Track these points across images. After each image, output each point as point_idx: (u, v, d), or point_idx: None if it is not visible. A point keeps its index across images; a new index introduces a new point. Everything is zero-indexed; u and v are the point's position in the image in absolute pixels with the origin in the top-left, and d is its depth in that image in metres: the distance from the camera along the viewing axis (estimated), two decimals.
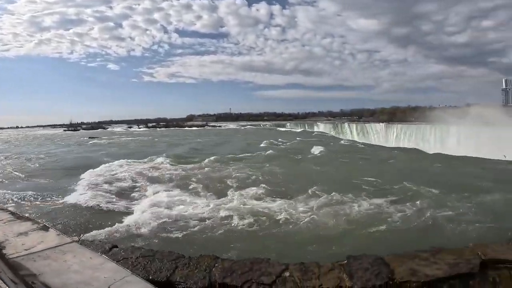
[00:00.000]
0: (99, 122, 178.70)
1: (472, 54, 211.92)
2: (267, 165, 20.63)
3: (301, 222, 10.02)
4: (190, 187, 14.94)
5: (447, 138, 59.79)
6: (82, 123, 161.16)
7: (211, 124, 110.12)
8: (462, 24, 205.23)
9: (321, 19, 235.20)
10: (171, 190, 14.13)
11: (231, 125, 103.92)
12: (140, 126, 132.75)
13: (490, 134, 54.43)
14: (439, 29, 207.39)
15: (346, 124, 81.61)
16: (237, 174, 17.44)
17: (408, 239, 8.77)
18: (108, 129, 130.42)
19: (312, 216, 10.47)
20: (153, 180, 16.28)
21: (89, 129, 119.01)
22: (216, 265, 5.14)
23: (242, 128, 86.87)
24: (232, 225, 9.90)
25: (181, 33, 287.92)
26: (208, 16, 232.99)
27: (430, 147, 49.33)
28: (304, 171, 18.34)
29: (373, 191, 13.58)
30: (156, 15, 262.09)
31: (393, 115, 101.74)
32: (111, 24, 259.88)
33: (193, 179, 16.53)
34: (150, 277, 4.25)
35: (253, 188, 14.19)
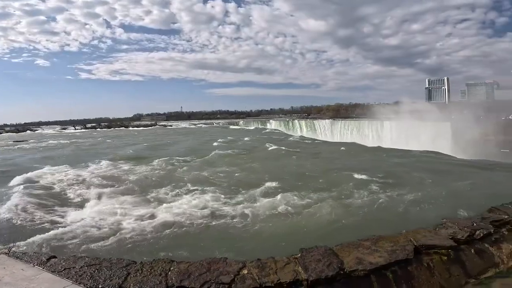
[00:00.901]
0: (26, 124, 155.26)
1: (401, 55, 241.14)
2: (219, 164, 20.43)
3: (254, 219, 10.04)
4: (134, 190, 13.97)
5: (382, 133, 67.47)
6: (5, 125, 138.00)
7: (161, 123, 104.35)
8: (396, 27, 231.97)
9: (275, 18, 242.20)
10: (112, 196, 13.01)
11: (183, 124, 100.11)
12: (76, 127, 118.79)
13: (415, 128, 62.95)
14: (377, 31, 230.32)
15: (296, 121, 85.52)
16: (187, 175, 16.91)
17: (350, 226, 9.50)
18: (38, 131, 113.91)
19: (265, 212, 10.58)
20: (89, 186, 14.76)
21: (13, 132, 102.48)
22: (172, 268, 4.99)
23: (194, 126, 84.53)
24: (183, 228, 9.56)
25: (127, 28, 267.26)
26: (159, 12, 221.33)
27: (368, 140, 55.02)
28: (256, 168, 18.62)
29: (318, 184, 14.50)
30: (98, 9, 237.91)
31: (337, 112, 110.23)
32: (42, 18, 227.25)
33: (138, 182, 15.51)
34: (100, 286, 4.03)
35: (205, 188, 13.88)
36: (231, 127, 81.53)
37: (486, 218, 8.27)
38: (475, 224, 8.00)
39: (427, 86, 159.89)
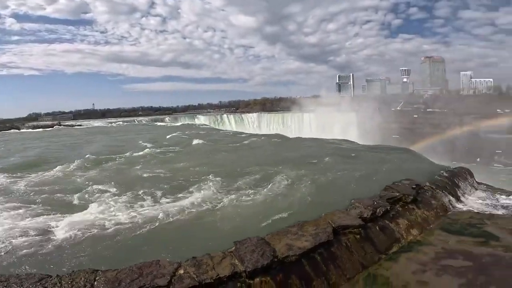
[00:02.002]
0: None
1: (318, 53, 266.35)
2: (140, 164, 18.40)
3: (184, 217, 9.64)
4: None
5: (302, 124, 74.16)
6: None
7: (66, 123, 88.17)
8: (316, 26, 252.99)
9: (206, 12, 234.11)
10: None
11: (97, 123, 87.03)
12: None
13: (329, 119, 71.11)
14: (299, 29, 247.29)
15: (225, 116, 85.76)
16: (104, 178, 14.73)
17: (278, 213, 9.70)
18: None
19: (194, 209, 10.20)
20: None
21: None
22: (98, 278, 4.63)
23: (111, 125, 74.57)
24: (105, 235, 8.53)
25: (21, 18, 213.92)
26: (68, 1, 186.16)
27: (291, 132, 59.54)
28: (181, 166, 17.49)
29: (244, 175, 14.50)
30: None
31: (264, 106, 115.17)
32: None
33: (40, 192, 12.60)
34: None
35: (127, 191, 12.43)
36: (157, 123, 75.43)
37: (383, 196, 9.59)
38: (375, 203, 9.07)
39: (337, 81, 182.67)
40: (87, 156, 20.97)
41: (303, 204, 10.66)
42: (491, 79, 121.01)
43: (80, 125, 77.23)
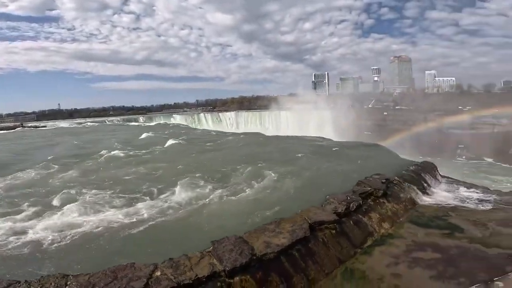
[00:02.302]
0: None
1: (294, 52, 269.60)
2: (110, 167, 17.50)
3: (156, 220, 9.32)
4: None
5: (280, 122, 75.08)
6: None
7: (30, 124, 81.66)
8: (292, 25, 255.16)
9: (182, 10, 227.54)
10: None
11: (63, 124, 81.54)
12: None
13: (306, 117, 72.52)
14: (277, 28, 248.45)
15: (202, 115, 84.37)
16: (71, 181, 13.87)
17: (256, 211, 9.67)
18: None
19: (166, 212, 9.90)
20: None
21: None
22: (69, 283, 4.51)
23: (81, 126, 70.38)
24: (73, 238, 8.24)
25: None
26: None
27: (269, 130, 60.02)
28: (153, 168, 16.86)
29: (219, 174, 14.38)
30: None
31: (241, 104, 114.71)
32: None
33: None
34: None
35: (99, 194, 11.87)
36: (130, 124, 72.35)
37: (355, 191, 9.87)
38: (349, 198, 9.30)
39: (313, 80, 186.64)
40: (51, 158, 19.63)
41: (280, 202, 10.69)
42: (453, 78, 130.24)
43: (44, 126, 71.96)
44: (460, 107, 67.66)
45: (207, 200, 11.07)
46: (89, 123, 76.12)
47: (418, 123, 66.39)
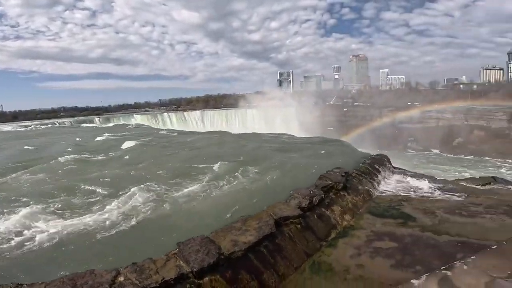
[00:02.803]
0: None
1: (260, 50, 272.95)
2: (60, 173, 15.90)
3: (116, 226, 8.78)
4: None
5: (246, 120, 75.34)
6: None
7: None
8: (259, 23, 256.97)
9: (144, 6, 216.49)
10: None
11: (6, 127, 72.48)
12: None
13: (271, 114, 73.71)
14: (244, 27, 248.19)
15: (165, 114, 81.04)
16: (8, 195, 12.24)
17: (222, 210, 9.52)
18: None
19: (125, 217, 9.36)
20: None
21: None
22: None
23: (25, 129, 63.03)
24: (26, 245, 7.70)
25: None
26: None
27: (236, 128, 59.80)
28: (109, 172, 15.70)
29: (180, 175, 13.90)
30: None
31: (207, 103, 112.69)
32: None
33: None
34: None
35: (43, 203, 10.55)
36: (84, 125, 66.69)
37: (318, 185, 10.11)
38: (311, 192, 9.51)
39: (278, 78, 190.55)
40: None
41: (246, 199, 10.63)
42: (403, 76, 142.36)
43: None
44: (410, 103, 74.13)
45: (169, 202, 10.66)
46: (37, 126, 68.55)
47: (374, 119, 71.37)
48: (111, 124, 64.21)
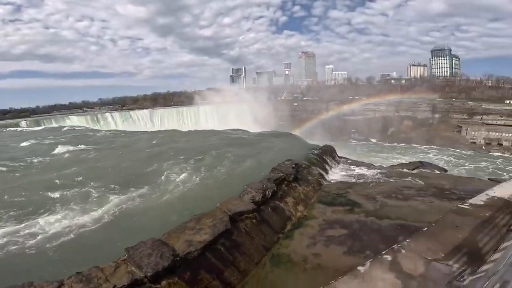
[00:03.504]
0: None
1: (212, 46, 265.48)
2: None
3: (55, 237, 8.12)
4: None
5: (199, 117, 73.23)
6: None
7: None
8: (211, 19, 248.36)
9: (81, 0, 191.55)
10: None
11: None
12: None
13: (225, 111, 73.03)
14: (195, 22, 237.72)
15: (107, 114, 73.76)
16: None
17: (174, 211, 9.10)
18: None
19: (64, 227, 8.61)
20: None
21: None
22: None
23: None
24: None
25: None
26: None
27: (188, 126, 57.58)
28: (39, 181, 13.67)
29: (125, 179, 12.87)
30: None
31: (156, 101, 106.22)
32: None
33: None
34: None
35: None
36: (6, 130, 56.97)
37: (270, 178, 10.24)
38: (264, 185, 9.59)
39: (231, 74, 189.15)
40: None
41: (199, 198, 10.32)
42: (345, 72, 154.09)
43: None
44: (351, 97, 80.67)
45: (112, 208, 9.87)
46: None
47: (321, 112, 75.91)
48: (40, 127, 56.15)
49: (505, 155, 53.38)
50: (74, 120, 62.77)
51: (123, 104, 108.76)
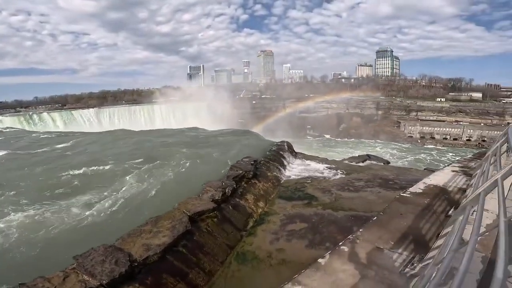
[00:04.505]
0: None
1: (169, 43, 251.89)
2: None
3: None
4: None
5: (154, 116, 69.49)
6: None
7: None
8: (170, 15, 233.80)
9: None
10: None
11: None
12: None
13: (182, 109, 70.49)
14: (151, 18, 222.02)
15: (45, 114, 65.85)
16: None
17: (129, 217, 8.40)
18: None
19: None
20: None
21: None
22: None
23: None
24: None
25: None
26: None
27: (141, 125, 54.17)
28: None
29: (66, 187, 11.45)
30: None
31: (104, 99, 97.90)
32: None
33: None
34: None
35: None
36: None
37: (229, 176, 10.07)
38: (223, 183, 9.42)
39: (188, 72, 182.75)
40: None
41: (153, 200, 9.75)
42: (301, 70, 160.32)
43: None
44: (307, 95, 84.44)
45: (50, 218, 8.85)
46: None
47: (279, 109, 78.05)
48: None
49: (438, 147, 61.38)
50: (6, 121, 54.53)
51: (63, 103, 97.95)
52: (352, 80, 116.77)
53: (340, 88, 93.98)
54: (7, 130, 41.99)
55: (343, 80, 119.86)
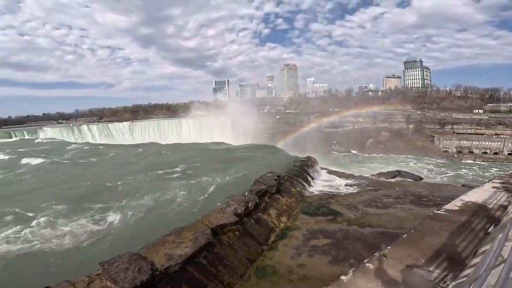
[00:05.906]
0: None
1: (195, 58, 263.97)
2: None
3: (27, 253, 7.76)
4: None
5: (181, 130, 72.26)
6: None
7: None
8: (195, 31, 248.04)
9: (60, 7, 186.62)
10: None
11: None
12: None
13: (207, 124, 72.70)
14: (178, 33, 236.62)
15: (84, 126, 71.16)
16: None
17: (160, 224, 8.70)
18: None
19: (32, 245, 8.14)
20: None
21: None
22: None
23: None
24: None
25: None
26: None
27: (169, 139, 56.54)
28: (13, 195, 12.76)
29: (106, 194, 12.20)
30: None
31: (136, 113, 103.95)
32: None
33: None
34: None
35: None
36: None
37: (252, 191, 10.20)
38: (246, 198, 9.56)
39: (214, 86, 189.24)
40: None
41: (179, 211, 10.07)
42: (326, 84, 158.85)
43: None
44: (331, 109, 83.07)
45: (85, 224, 9.48)
46: None
47: (304, 124, 77.36)
48: (12, 139, 52.99)
49: (477, 162, 56.64)
50: (49, 133, 59.81)
51: (101, 116, 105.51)
52: (380, 92, 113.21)
53: (366, 101, 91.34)
54: (51, 141, 46.04)
55: (369, 93, 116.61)
